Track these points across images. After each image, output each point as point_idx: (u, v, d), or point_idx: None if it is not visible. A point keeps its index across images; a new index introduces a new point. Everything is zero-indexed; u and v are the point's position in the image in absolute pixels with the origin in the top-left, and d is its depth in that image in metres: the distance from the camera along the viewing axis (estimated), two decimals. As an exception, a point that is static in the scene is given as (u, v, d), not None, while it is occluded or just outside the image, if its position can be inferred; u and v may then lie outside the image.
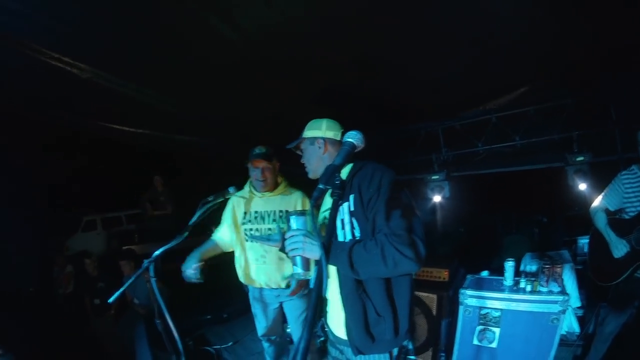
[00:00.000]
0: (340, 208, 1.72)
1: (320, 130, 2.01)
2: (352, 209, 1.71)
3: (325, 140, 1.99)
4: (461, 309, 3.33)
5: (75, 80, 3.09)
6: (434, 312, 3.48)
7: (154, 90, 3.64)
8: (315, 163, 2.00)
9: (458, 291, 3.38)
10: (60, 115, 4.24)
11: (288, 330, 3.28)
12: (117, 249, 5.52)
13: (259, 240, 2.44)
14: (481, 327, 3.23)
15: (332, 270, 1.79)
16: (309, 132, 2.04)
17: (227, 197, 2.63)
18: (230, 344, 4.71)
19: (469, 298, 3.32)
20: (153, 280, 2.29)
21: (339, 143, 1.97)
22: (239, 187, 2.80)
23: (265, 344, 3.12)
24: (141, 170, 6.77)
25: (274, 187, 2.92)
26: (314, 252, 1.61)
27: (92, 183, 9.01)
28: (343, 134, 1.88)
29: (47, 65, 2.87)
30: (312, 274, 1.67)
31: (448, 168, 5.70)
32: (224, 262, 2.96)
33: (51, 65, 2.89)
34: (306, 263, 1.66)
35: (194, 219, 2.43)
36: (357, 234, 1.70)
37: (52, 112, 4.05)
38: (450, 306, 3.45)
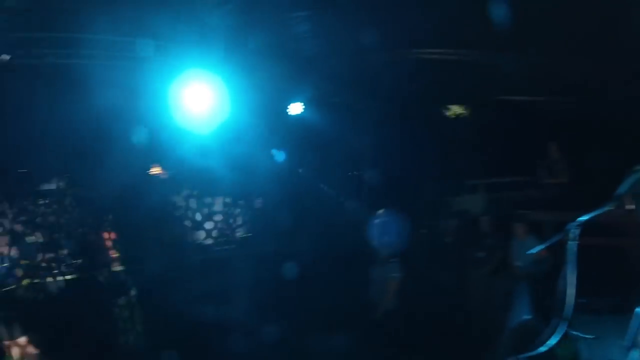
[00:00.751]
0: None
1: None
2: None
3: None
4: None
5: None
6: None
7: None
8: None
9: None
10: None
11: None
12: (511, 212, 5.87)
13: None
14: None
15: None
16: None
17: None
18: (589, 336, 4.08)
19: None
20: (574, 243, 2.28)
21: None
22: None
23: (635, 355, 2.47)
24: (534, 138, 6.80)
25: None
26: None
27: (480, 149, 9.90)
28: None
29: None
30: None
31: None
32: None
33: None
34: None
35: (623, 189, 2.20)
36: None
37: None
38: None
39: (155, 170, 19.55)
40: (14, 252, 6.38)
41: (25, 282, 6.18)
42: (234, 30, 5.57)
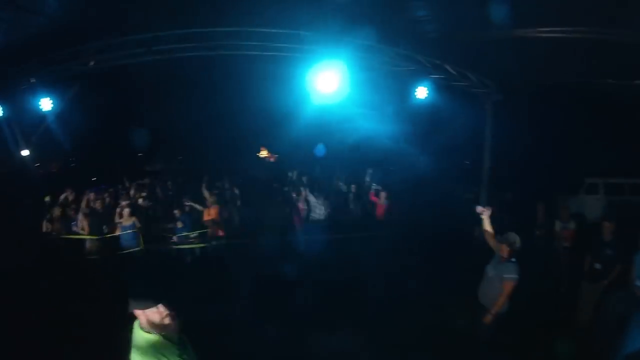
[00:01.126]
0: None
1: None
2: None
3: None
4: None
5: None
6: None
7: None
8: None
9: None
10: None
11: None
12: (637, 220, 5.17)
13: None
14: None
15: None
16: None
17: None
18: None
19: None
20: None
21: None
22: None
23: None
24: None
25: None
26: None
27: (602, 142, 8.79)
28: None
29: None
30: None
31: None
32: None
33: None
34: None
35: None
36: None
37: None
38: None
39: (265, 153, 20.90)
40: (135, 222, 7.21)
41: (142, 247, 7.06)
42: (362, 18, 5.74)
